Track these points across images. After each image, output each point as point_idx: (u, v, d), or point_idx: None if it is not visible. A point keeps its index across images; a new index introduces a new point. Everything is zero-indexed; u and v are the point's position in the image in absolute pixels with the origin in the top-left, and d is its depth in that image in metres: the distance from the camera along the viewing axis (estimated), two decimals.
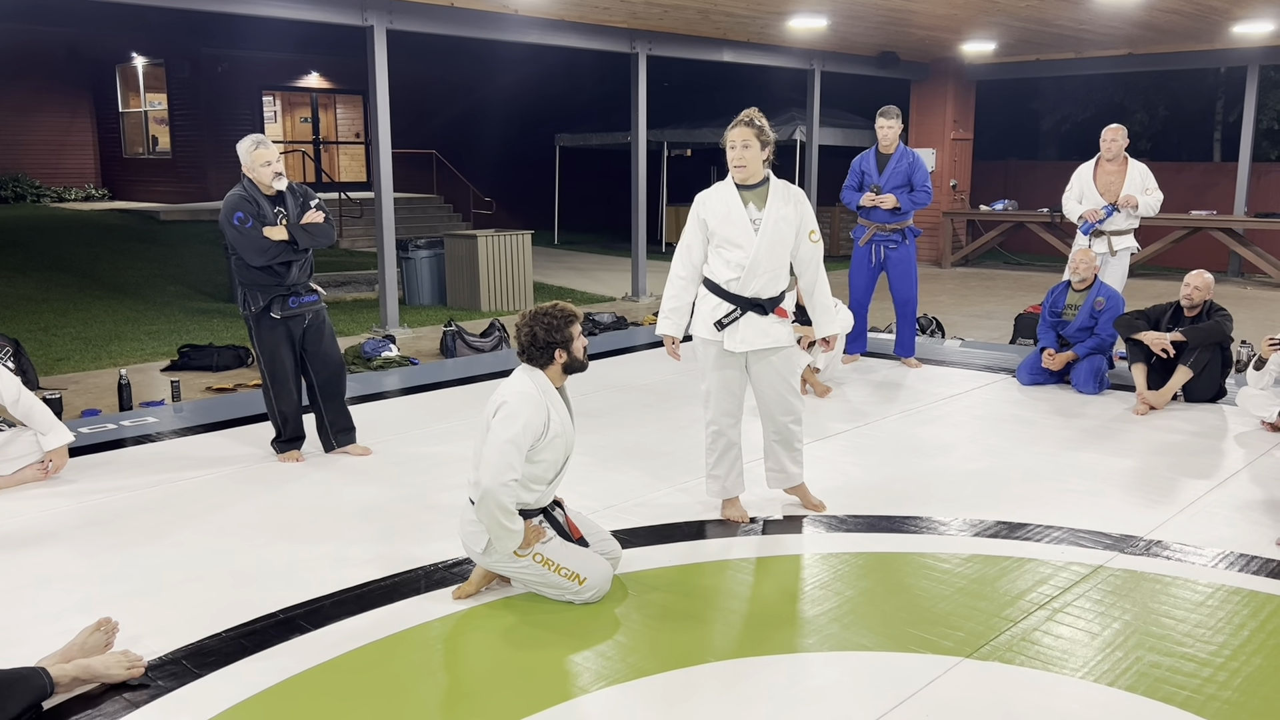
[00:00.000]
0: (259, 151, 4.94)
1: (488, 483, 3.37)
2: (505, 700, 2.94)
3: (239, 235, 4.90)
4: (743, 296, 4.18)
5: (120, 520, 4.44)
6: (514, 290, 11.25)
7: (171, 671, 3.10)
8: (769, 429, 4.41)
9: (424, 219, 16.91)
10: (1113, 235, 7.43)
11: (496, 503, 3.36)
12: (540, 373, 3.53)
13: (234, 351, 7.99)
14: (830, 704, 2.92)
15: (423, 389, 7.06)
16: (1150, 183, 7.40)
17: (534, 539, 3.50)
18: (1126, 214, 7.34)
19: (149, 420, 6.11)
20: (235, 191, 4.99)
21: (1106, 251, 7.41)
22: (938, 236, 15.71)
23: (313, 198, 5.17)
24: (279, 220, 4.98)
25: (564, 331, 3.51)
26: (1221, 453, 5.39)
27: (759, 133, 4.13)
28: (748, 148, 4.11)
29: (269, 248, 4.93)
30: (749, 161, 4.12)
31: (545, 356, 3.52)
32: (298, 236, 5.00)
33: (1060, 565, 3.89)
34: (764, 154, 4.16)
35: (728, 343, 4.20)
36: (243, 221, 4.88)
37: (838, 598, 3.63)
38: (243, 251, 4.93)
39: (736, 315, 4.18)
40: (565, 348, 3.52)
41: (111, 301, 10.99)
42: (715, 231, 4.22)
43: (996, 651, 3.22)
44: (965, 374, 7.35)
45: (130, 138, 19.73)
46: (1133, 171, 7.38)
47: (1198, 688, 2.99)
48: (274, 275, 5.02)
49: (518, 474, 3.39)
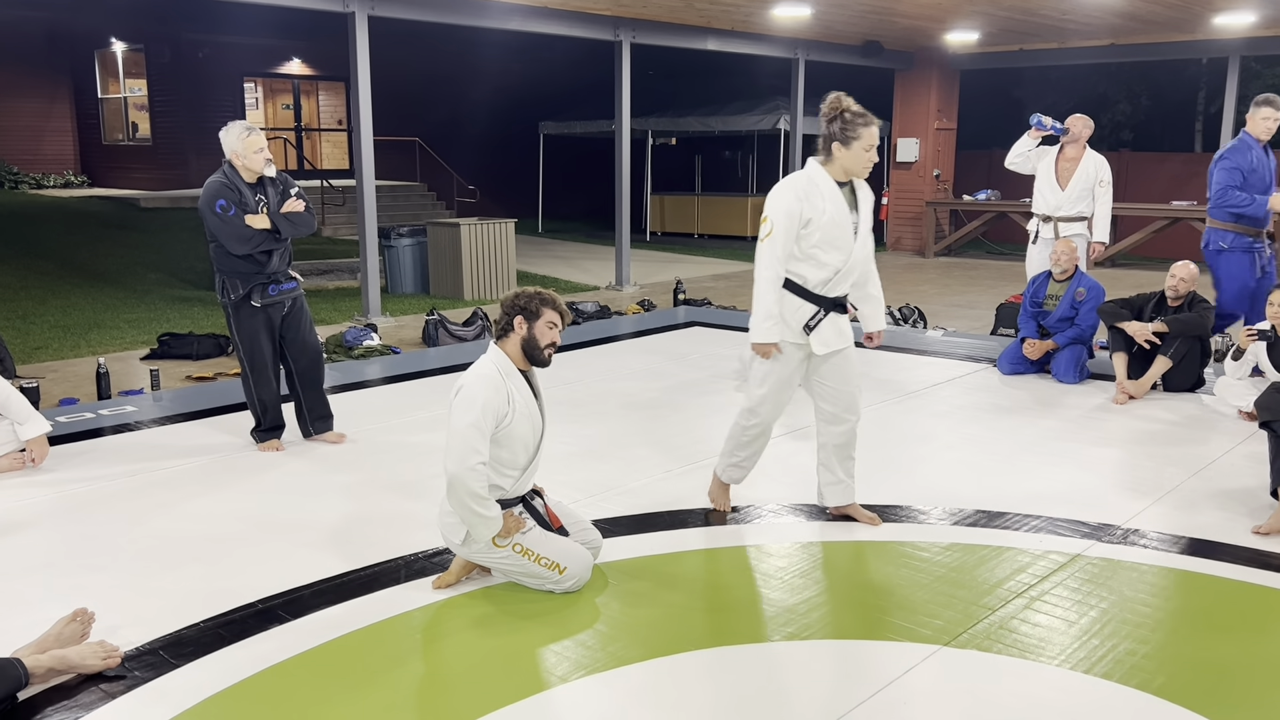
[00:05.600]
0: (252, 139, 4.91)
1: (453, 469, 3.35)
2: (485, 689, 2.94)
3: (221, 223, 4.85)
4: (828, 298, 3.98)
5: (98, 510, 4.41)
6: (497, 279, 11.21)
7: (149, 662, 3.09)
8: (831, 434, 4.15)
9: (407, 207, 16.84)
10: (1060, 221, 7.43)
11: (465, 489, 3.35)
12: (504, 355, 3.51)
13: (214, 340, 7.94)
14: (809, 692, 2.93)
15: (405, 378, 7.04)
16: (1105, 175, 7.37)
17: (514, 528, 3.49)
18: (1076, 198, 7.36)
19: (128, 409, 6.07)
20: (216, 178, 4.94)
21: (1053, 238, 7.40)
22: (921, 226, 15.75)
23: (292, 186, 5.15)
24: (260, 208, 4.94)
25: (534, 304, 3.48)
26: (1199, 442, 5.43)
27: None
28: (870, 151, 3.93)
29: (251, 236, 4.89)
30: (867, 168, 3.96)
31: (506, 324, 3.50)
32: (280, 225, 4.97)
33: (1038, 554, 3.91)
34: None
35: (816, 346, 3.99)
36: (225, 209, 4.84)
37: (817, 586, 3.64)
38: (224, 239, 4.89)
39: (821, 317, 3.97)
40: (528, 320, 3.47)
41: (91, 289, 10.89)
42: (814, 232, 3.89)
43: (974, 639, 3.24)
44: (947, 363, 7.37)
45: (110, 124, 19.53)
46: (1088, 161, 7.37)
47: (1172, 674, 3.02)
48: (254, 263, 4.99)
49: (484, 457, 3.37)
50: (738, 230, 17.36)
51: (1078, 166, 7.41)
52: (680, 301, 10.35)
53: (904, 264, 14.64)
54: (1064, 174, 7.45)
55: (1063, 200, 7.43)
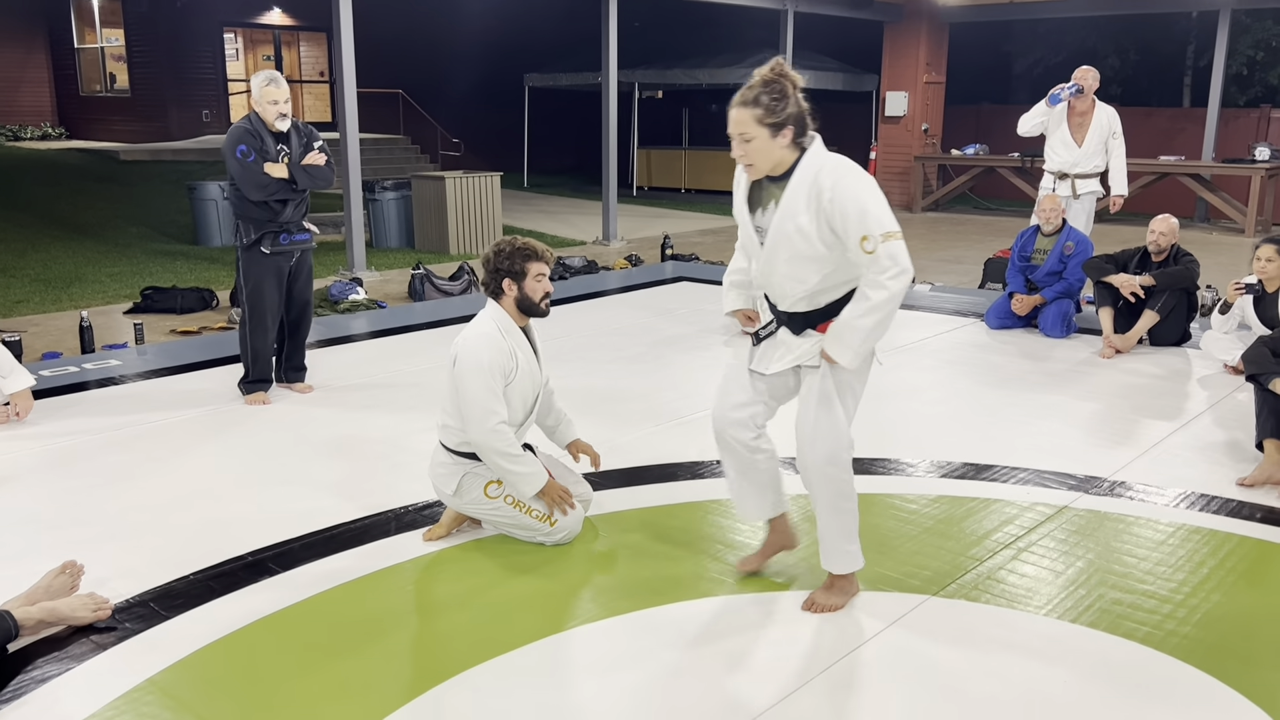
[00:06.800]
0: (269, 89, 4.96)
1: (476, 437, 3.37)
2: (476, 640, 2.95)
3: (240, 168, 4.93)
4: (779, 310, 3.08)
5: (84, 463, 4.39)
6: (483, 233, 11.13)
7: (139, 614, 3.08)
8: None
9: (390, 160, 16.65)
10: (1077, 178, 7.45)
11: (494, 450, 3.37)
12: (502, 312, 3.49)
13: (198, 294, 7.86)
14: (799, 641, 2.96)
15: (391, 332, 7.00)
16: (1116, 126, 7.43)
17: (558, 496, 3.51)
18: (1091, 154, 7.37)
19: (112, 363, 6.02)
20: (241, 124, 5.04)
21: (1070, 194, 7.45)
22: (908, 181, 15.69)
23: (316, 139, 5.20)
24: (281, 158, 5.01)
25: (517, 263, 3.44)
26: (1185, 395, 5.47)
27: (766, 111, 2.77)
28: (748, 141, 2.81)
29: (268, 184, 4.96)
30: (755, 158, 2.84)
31: (495, 286, 3.48)
32: (298, 176, 5.04)
33: (1025, 506, 3.94)
34: (782, 137, 2.80)
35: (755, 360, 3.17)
36: (245, 155, 4.91)
37: (807, 539, 3.65)
38: (242, 184, 4.97)
39: (772, 329, 3.12)
40: (516, 280, 3.45)
41: (71, 243, 10.76)
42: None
43: (962, 590, 3.27)
44: (934, 318, 7.38)
45: (87, 75, 19.18)
46: (1100, 114, 7.40)
47: (1158, 624, 3.05)
48: (269, 211, 5.05)
49: (502, 416, 3.38)
50: (725, 185, 16.95)
51: (1091, 120, 7.38)
52: (668, 256, 10.31)
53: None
54: (1077, 130, 7.40)
55: (1079, 156, 7.41)
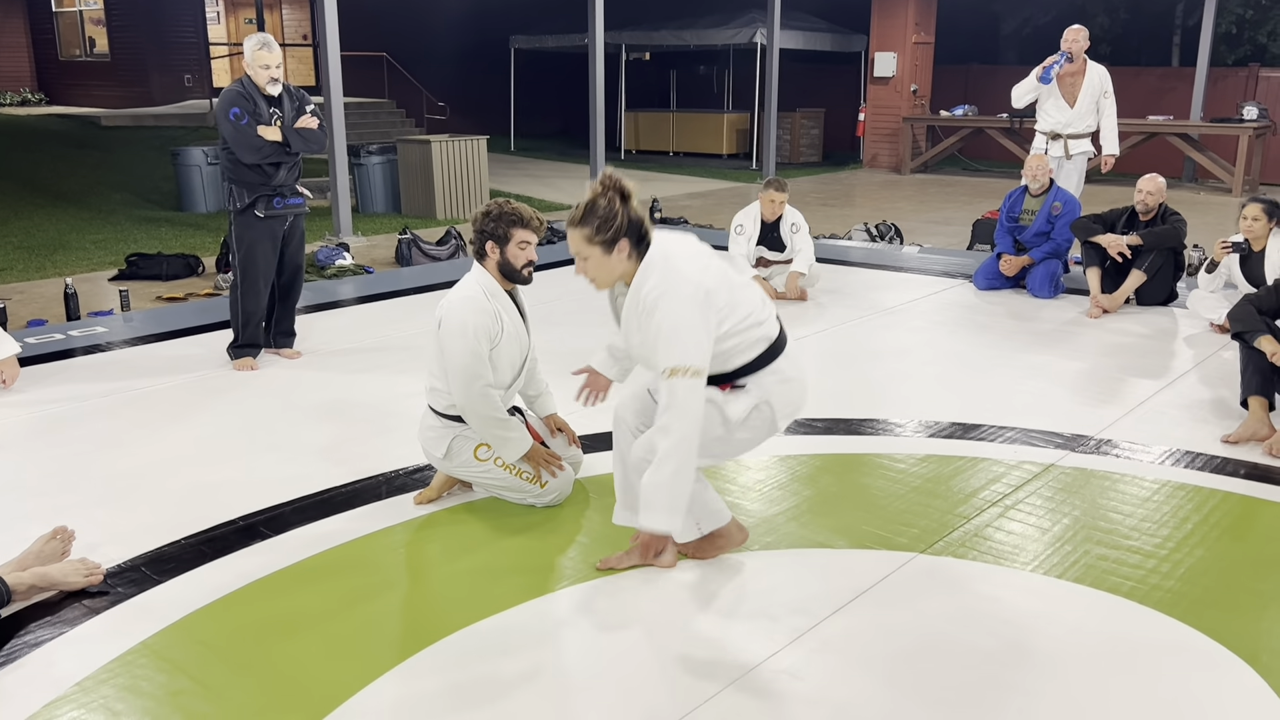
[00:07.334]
0: (261, 53, 4.97)
1: (462, 400, 3.38)
2: (467, 602, 2.96)
3: (234, 130, 4.92)
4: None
5: (72, 429, 4.38)
6: (470, 197, 11.06)
7: (131, 578, 3.09)
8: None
9: (375, 124, 16.50)
10: (1069, 139, 7.44)
11: (480, 414, 3.38)
12: (487, 274, 3.48)
13: (184, 260, 7.81)
14: (788, 598, 2.98)
15: (380, 297, 6.98)
16: (1108, 85, 7.43)
17: (542, 459, 3.51)
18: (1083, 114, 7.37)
19: (98, 330, 5.99)
20: (233, 87, 5.03)
21: (1062, 155, 7.45)
22: (897, 143, 15.63)
23: (309, 103, 5.18)
24: (274, 121, 4.99)
25: (501, 227, 3.42)
26: (1171, 354, 5.50)
27: (595, 230, 2.74)
28: (585, 259, 2.79)
29: (262, 146, 4.96)
30: (595, 274, 2.82)
31: (480, 248, 3.47)
32: (291, 140, 5.03)
33: (1013, 464, 3.96)
34: (619, 252, 2.76)
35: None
36: (238, 117, 4.91)
37: (796, 497, 3.69)
38: (235, 147, 4.97)
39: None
40: (499, 244, 3.43)
41: (54, 210, 10.66)
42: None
43: (950, 547, 3.30)
44: (923, 279, 7.39)
45: (66, 39, 18.92)
46: (1092, 73, 7.38)
47: (1142, 578, 3.09)
48: (262, 174, 5.04)
49: (487, 379, 3.39)
50: (713, 148, 17.15)
51: (1083, 80, 7.37)
52: (656, 220, 10.28)
53: (880, 181, 14.57)
54: (1069, 90, 7.39)
55: (1072, 117, 7.41)
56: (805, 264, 6.63)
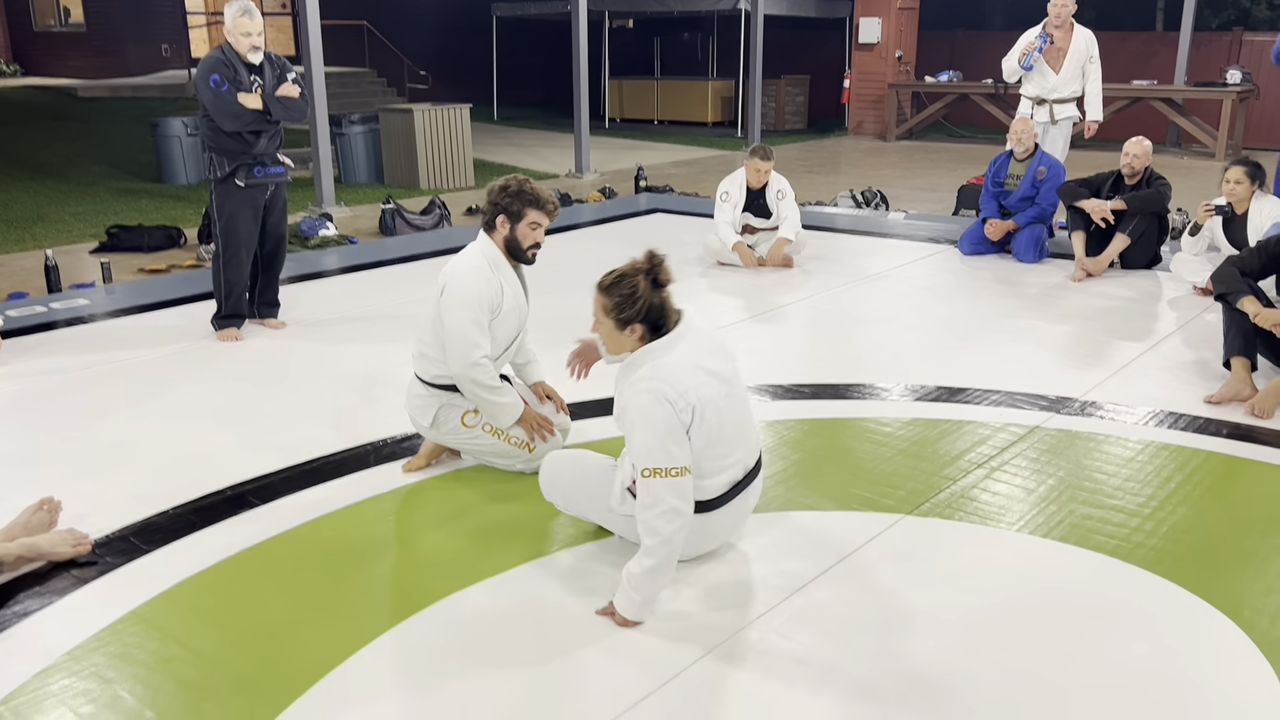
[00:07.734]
0: (242, 20, 4.91)
1: (457, 368, 3.38)
2: (457, 568, 2.97)
3: (214, 98, 4.88)
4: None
5: (56, 401, 4.35)
6: (453, 167, 10.98)
7: (119, 548, 3.09)
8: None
9: (357, 94, 16.34)
10: (1055, 104, 7.44)
11: (475, 383, 3.38)
12: (493, 245, 3.47)
13: (165, 232, 7.74)
14: (777, 559, 3.00)
15: (364, 267, 6.94)
16: (1094, 50, 7.43)
17: (535, 423, 3.53)
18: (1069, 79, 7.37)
19: (80, 302, 5.94)
20: (214, 54, 4.98)
21: (1048, 120, 7.46)
22: (882, 109, 15.57)
23: (290, 70, 5.13)
24: (255, 89, 4.95)
25: (516, 204, 3.41)
26: (1155, 316, 5.53)
27: (614, 306, 2.76)
28: (599, 324, 2.84)
29: (242, 113, 4.91)
30: (604, 340, 2.87)
31: (490, 219, 3.45)
32: (272, 108, 4.99)
33: (998, 426, 3.99)
34: (630, 332, 2.76)
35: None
36: (218, 84, 4.86)
37: (784, 461, 3.70)
38: (216, 115, 4.92)
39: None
40: (511, 220, 3.42)
41: (32, 183, 10.54)
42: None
43: (936, 508, 3.32)
44: (908, 245, 7.39)
45: (40, 9, 18.61)
46: (1078, 38, 7.38)
47: (1126, 537, 3.12)
48: (243, 142, 5.00)
49: (485, 350, 3.39)
50: (698, 116, 17.05)
51: (1070, 45, 7.36)
52: (642, 189, 10.23)
53: (865, 148, 14.53)
54: (1055, 55, 7.40)
55: (1058, 82, 7.41)
56: (791, 231, 6.62)
